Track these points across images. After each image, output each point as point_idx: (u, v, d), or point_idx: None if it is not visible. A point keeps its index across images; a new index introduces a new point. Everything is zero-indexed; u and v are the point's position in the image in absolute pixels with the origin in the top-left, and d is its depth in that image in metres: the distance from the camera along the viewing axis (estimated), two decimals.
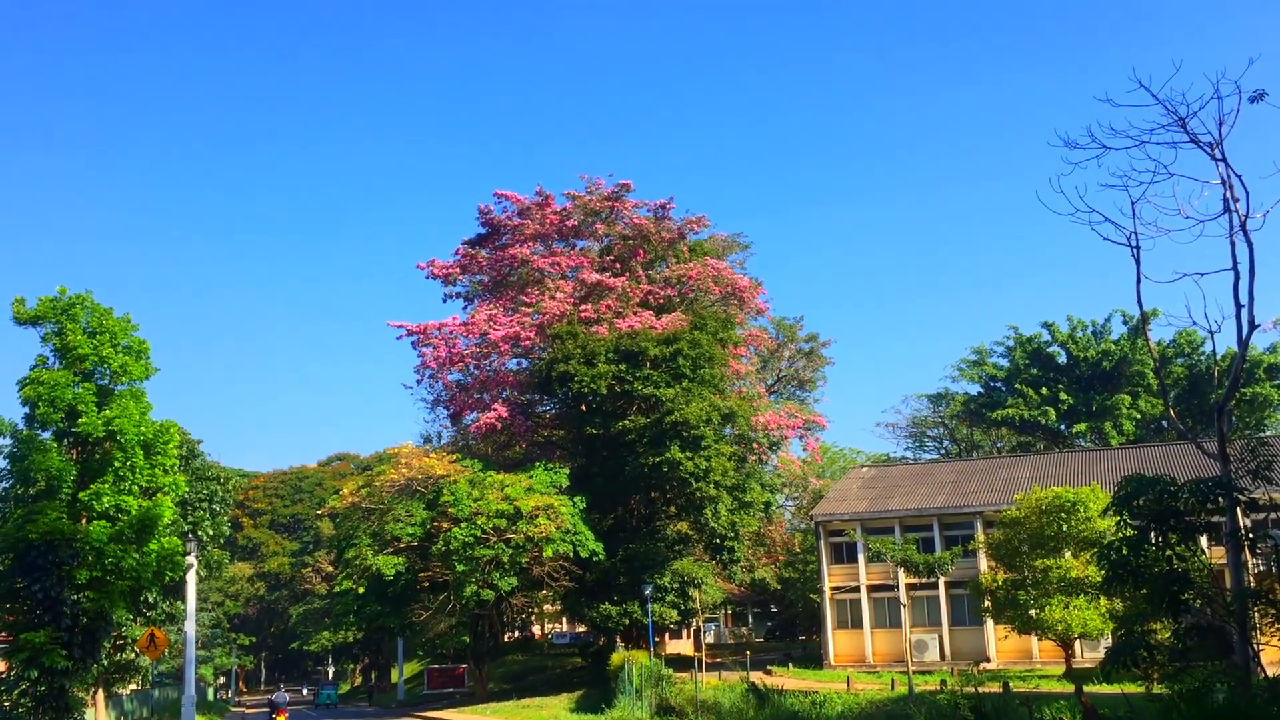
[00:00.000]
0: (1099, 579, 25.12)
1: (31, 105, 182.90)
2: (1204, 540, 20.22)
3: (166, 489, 31.65)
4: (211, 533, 40.08)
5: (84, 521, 30.11)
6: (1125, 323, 77.22)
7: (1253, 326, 18.97)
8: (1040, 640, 43.61)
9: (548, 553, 42.37)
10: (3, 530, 29.84)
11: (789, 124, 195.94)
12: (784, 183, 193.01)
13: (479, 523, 41.87)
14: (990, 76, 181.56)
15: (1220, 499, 18.62)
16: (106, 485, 30.17)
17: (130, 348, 32.26)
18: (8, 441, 30.90)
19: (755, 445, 50.94)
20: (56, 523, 28.94)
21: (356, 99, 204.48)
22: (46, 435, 31.00)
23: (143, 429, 31.07)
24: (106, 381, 31.82)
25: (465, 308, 55.46)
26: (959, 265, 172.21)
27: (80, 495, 30.14)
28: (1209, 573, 19.13)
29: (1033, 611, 37.90)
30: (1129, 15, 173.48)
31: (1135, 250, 20.09)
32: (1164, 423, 73.93)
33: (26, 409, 30.88)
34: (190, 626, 34.88)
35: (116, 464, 30.53)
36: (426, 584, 45.59)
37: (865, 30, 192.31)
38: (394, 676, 78.15)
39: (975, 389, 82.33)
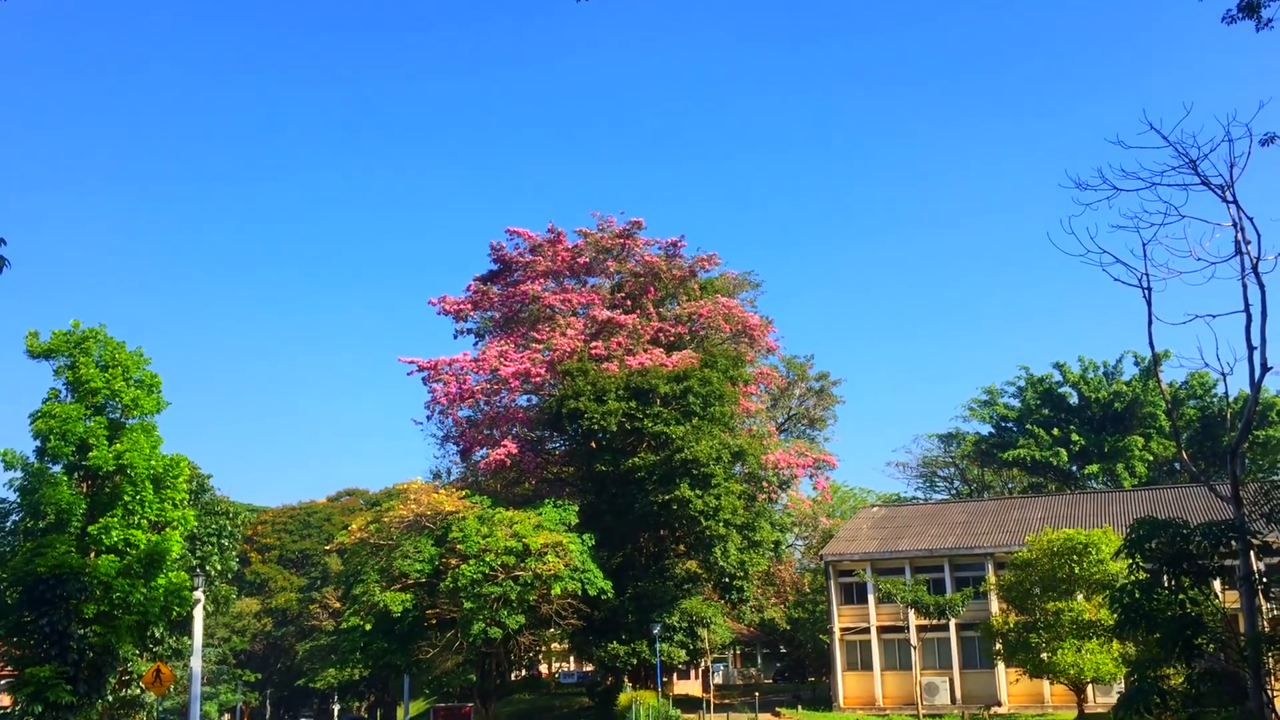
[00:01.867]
0: (1111, 622, 24.94)
1: (40, 137, 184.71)
2: (1217, 584, 20.08)
3: (175, 524, 31.67)
4: (219, 568, 39.97)
5: (93, 555, 30.12)
6: (1137, 364, 77.11)
7: (1265, 369, 18.96)
8: (1052, 684, 43.23)
9: (556, 590, 42.16)
10: (11, 564, 29.85)
11: (799, 162, 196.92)
12: (794, 221, 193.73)
13: (487, 560, 41.70)
14: (1001, 117, 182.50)
15: (1234, 542, 18.53)
16: (116, 519, 30.21)
17: (142, 382, 32.42)
18: (19, 475, 31.00)
19: (765, 484, 50.75)
20: (65, 556, 28.95)
21: (368, 131, 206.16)
22: (57, 469, 31.09)
23: (153, 463, 31.14)
24: (118, 415, 31.95)
25: (476, 344, 55.59)
26: (970, 304, 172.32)
27: (89, 529, 30.18)
28: (1223, 617, 18.99)
29: (1044, 655, 37.58)
30: (1139, 58, 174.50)
31: (1146, 291, 20.13)
32: (1176, 465, 73.59)
33: (38, 442, 30.99)
34: (196, 662, 34.74)
35: (126, 498, 30.59)
36: (434, 621, 45.34)
37: (877, 69, 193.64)
38: (399, 715, 77.59)
39: (986, 429, 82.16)
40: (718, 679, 69.04)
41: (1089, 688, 40.07)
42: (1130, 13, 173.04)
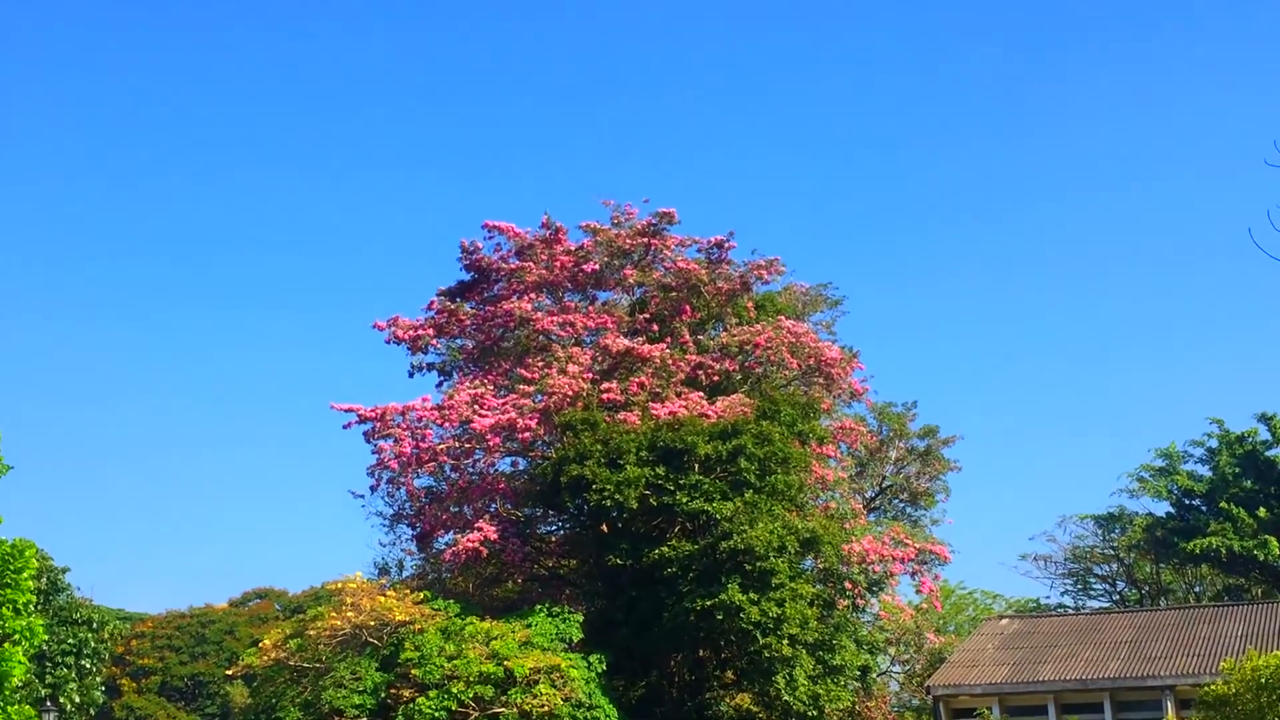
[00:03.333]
0: None
1: None
2: None
3: (17, 636, 31.81)
4: (78, 700, 40.16)
5: None
6: None
7: None
8: None
9: None
10: None
11: (895, 131, 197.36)
12: (889, 217, 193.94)
13: (454, 690, 41.64)
14: (1181, 86, 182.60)
15: None
16: None
17: None
18: None
19: (848, 585, 50.56)
20: None
21: (299, 92, 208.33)
22: None
23: None
24: None
25: (440, 385, 55.80)
26: (1137, 331, 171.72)
27: None
28: None
29: None
30: None
31: None
32: None
33: None
34: None
35: None
36: None
37: (1014, 22, 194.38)
38: None
39: (1164, 509, 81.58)
40: None
41: None
42: None
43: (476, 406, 50.07)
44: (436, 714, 41.47)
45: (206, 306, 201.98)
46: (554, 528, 54.27)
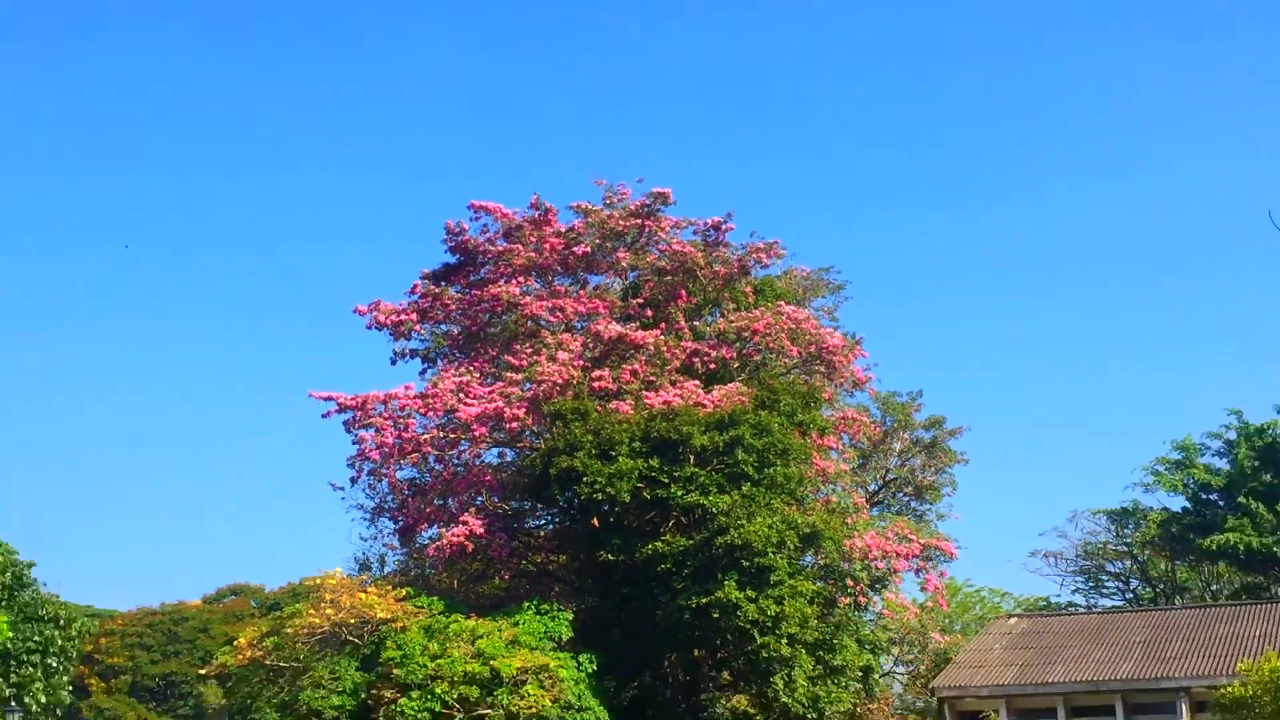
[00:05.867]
0: None
1: None
2: None
3: None
4: (44, 700, 40.16)
5: None
6: None
7: None
8: None
9: None
10: None
11: (900, 106, 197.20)
12: (893, 193, 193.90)
13: (438, 691, 41.70)
14: (1201, 47, 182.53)
15: None
16: None
17: None
18: None
19: (850, 582, 50.64)
20: None
21: (270, 53, 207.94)
22: None
23: None
24: None
25: (424, 372, 55.74)
26: (1152, 318, 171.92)
27: None
28: None
29: None
30: None
31: None
32: None
33: None
34: None
35: None
36: None
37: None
38: None
39: (1179, 503, 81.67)
40: None
41: None
42: None
43: (462, 395, 50.05)
44: (419, 715, 41.51)
45: (177, 295, 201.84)
46: (543, 522, 54.29)
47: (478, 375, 51.38)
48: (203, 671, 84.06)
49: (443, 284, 54.54)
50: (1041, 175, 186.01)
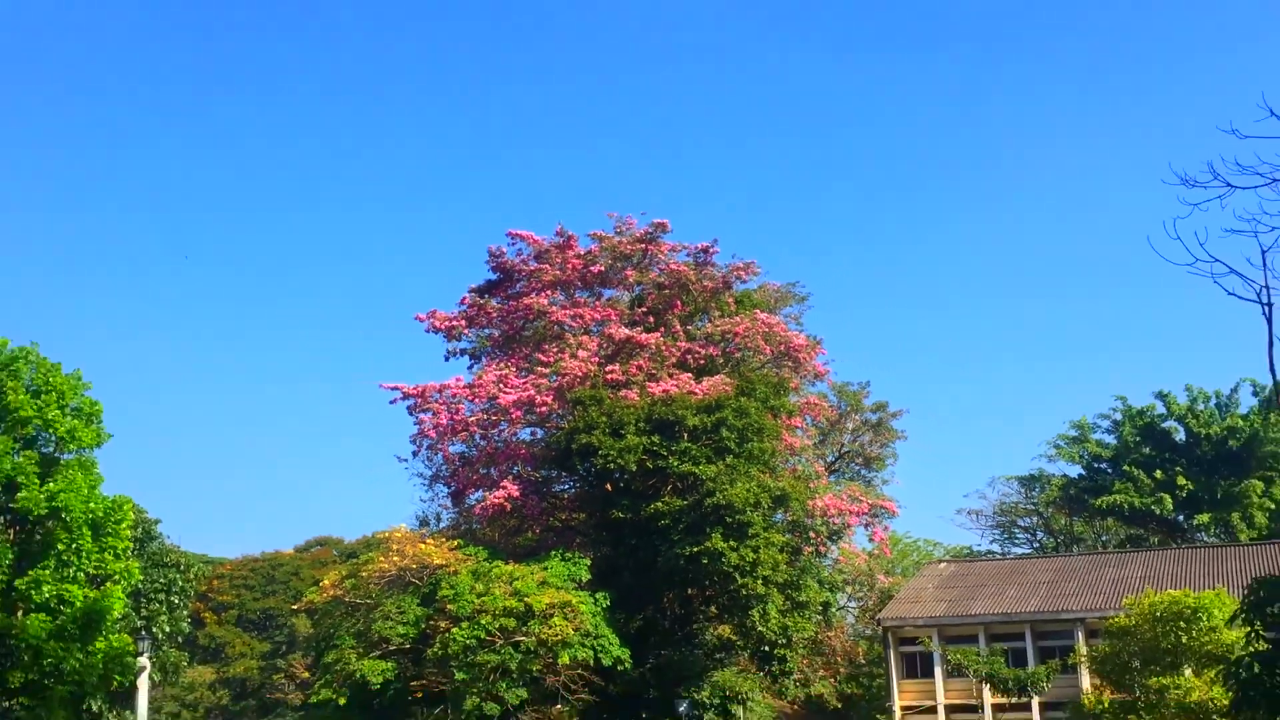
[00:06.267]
0: (1226, 702, 24.71)
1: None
2: None
3: (117, 577, 31.84)
4: (168, 630, 40.20)
5: (20, 614, 30.28)
6: (1256, 394, 76.57)
7: None
8: None
9: (564, 659, 42.10)
10: None
11: (850, 153, 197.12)
12: (846, 224, 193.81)
13: (483, 622, 41.68)
14: (1096, 99, 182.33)
15: None
16: (47, 572, 30.38)
17: (80, 410, 32.66)
18: None
19: (812, 534, 50.59)
20: None
21: (340, 111, 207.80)
22: None
23: (92, 506, 31.31)
24: (51, 449, 32.20)
25: (471, 367, 55.69)
26: (1056, 323, 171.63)
27: (16, 583, 30.34)
28: None
29: None
30: (1254, 33, 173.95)
31: (1266, 308, 19.90)
32: None
33: None
34: None
35: (60, 546, 30.74)
36: (420, 694, 45.25)
37: (949, 47, 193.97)
38: None
39: (1076, 471, 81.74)
40: None
41: None
42: None
43: (501, 385, 50.05)
44: (468, 642, 41.52)
45: (277, 306, 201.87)
46: (566, 487, 54.19)
47: (514, 369, 51.37)
48: (294, 607, 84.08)
49: (486, 296, 54.54)
50: (960, 212, 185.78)
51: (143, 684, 34.74)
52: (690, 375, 50.58)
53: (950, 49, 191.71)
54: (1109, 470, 79.04)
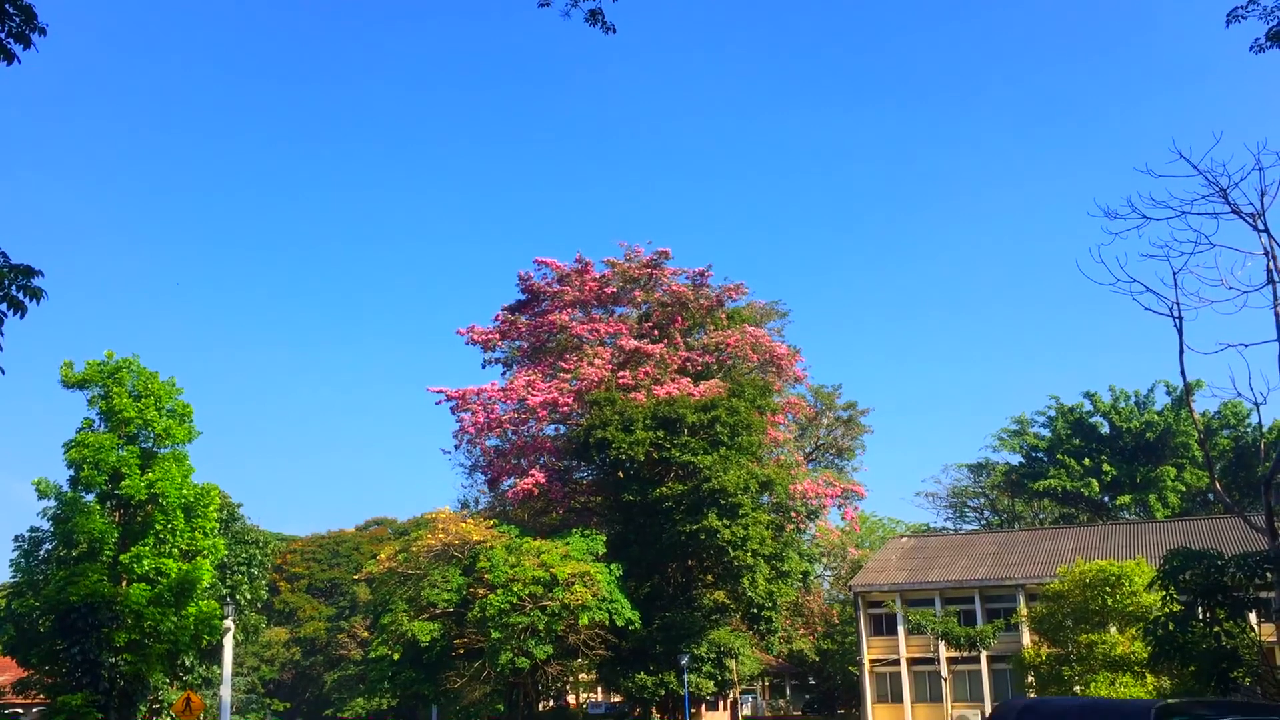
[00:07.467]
0: (1146, 655, 24.62)
1: (76, 156, 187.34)
2: (1253, 617, 19.80)
3: (206, 552, 31.88)
4: (249, 596, 40.17)
5: (124, 584, 30.35)
6: (1169, 393, 76.36)
7: None
8: None
9: (583, 620, 42.10)
10: (44, 592, 30.14)
11: (821, 186, 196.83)
12: (820, 248, 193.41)
13: (515, 589, 41.73)
14: (1030, 142, 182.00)
15: (1269, 573, 18.28)
16: (147, 548, 30.44)
17: (174, 411, 32.73)
18: (52, 504, 31.33)
19: (793, 514, 50.53)
20: (97, 585, 29.19)
21: (397, 162, 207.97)
22: (90, 497, 31.40)
23: (184, 492, 31.39)
24: (150, 444, 32.25)
25: (504, 374, 55.78)
26: (999, 334, 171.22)
27: (121, 558, 30.42)
28: (1259, 650, 18.72)
29: (1077, 688, 37.05)
30: (1169, 85, 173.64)
31: (1178, 321, 19.97)
32: (1210, 496, 72.69)
33: (71, 471, 31.33)
34: (226, 691, 34.88)
35: (158, 527, 30.83)
36: (462, 651, 45.35)
37: (902, 89, 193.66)
38: None
39: (1016, 459, 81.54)
40: (746, 710, 68.52)
41: None
42: (1159, 40, 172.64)
43: (530, 389, 50.08)
44: (502, 606, 41.55)
45: (343, 325, 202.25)
46: (585, 475, 54.19)
47: (540, 375, 51.39)
48: (355, 577, 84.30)
49: (516, 314, 54.59)
50: (918, 242, 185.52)
51: (228, 642, 34.80)
52: (689, 379, 50.58)
53: (897, 102, 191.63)
54: (1044, 459, 78.87)
